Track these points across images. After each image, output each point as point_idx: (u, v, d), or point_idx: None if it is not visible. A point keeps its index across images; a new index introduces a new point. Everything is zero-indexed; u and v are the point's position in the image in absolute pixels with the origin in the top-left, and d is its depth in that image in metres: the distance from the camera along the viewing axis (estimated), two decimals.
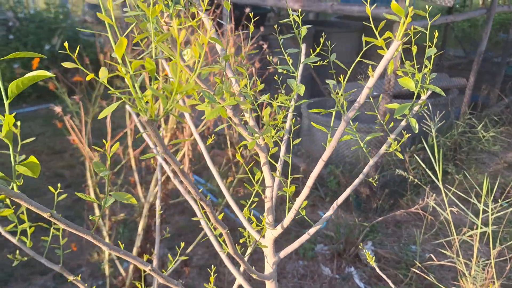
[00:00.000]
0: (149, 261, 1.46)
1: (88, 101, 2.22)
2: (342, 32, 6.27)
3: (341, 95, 0.72)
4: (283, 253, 0.89)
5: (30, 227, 0.89)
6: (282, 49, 0.85)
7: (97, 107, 2.02)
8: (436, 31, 0.81)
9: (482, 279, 2.38)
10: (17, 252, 1.00)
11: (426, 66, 0.72)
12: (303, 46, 0.96)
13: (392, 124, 0.91)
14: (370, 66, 0.66)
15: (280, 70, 0.85)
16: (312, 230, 0.86)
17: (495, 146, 3.97)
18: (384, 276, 1.39)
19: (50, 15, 6.39)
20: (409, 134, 0.81)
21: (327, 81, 0.81)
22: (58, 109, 1.74)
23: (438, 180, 2.43)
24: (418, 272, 2.97)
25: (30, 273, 3.07)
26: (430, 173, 2.23)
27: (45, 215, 0.54)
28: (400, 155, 0.78)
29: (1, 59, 0.52)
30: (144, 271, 1.95)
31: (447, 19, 3.64)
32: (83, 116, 1.85)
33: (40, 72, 0.47)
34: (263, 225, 0.86)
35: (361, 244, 3.07)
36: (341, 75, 0.72)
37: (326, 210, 3.77)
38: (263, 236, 0.88)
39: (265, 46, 2.39)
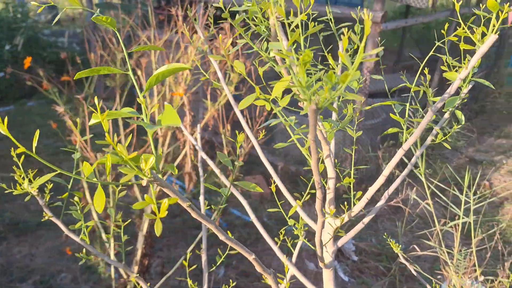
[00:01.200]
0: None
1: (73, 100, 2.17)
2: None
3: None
4: (340, 242, 0.92)
5: (86, 226, 0.88)
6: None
7: (87, 108, 1.98)
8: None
9: (464, 267, 2.51)
10: None
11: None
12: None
13: (360, 118, 0.96)
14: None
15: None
16: (366, 220, 0.90)
17: (459, 142, 4.18)
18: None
19: (9, 15, 6.13)
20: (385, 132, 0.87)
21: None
22: (60, 109, 1.69)
23: (421, 174, 2.54)
24: (402, 261, 3.09)
25: (9, 281, 2.95)
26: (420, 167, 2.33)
27: (185, 205, 0.55)
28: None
29: None
30: (138, 274, 1.91)
31: (416, 21, 3.82)
32: (87, 115, 1.81)
33: (179, 64, 0.48)
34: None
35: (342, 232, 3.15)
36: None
37: (305, 208, 3.84)
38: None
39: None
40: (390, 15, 10.78)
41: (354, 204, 0.88)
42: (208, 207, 0.97)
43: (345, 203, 0.88)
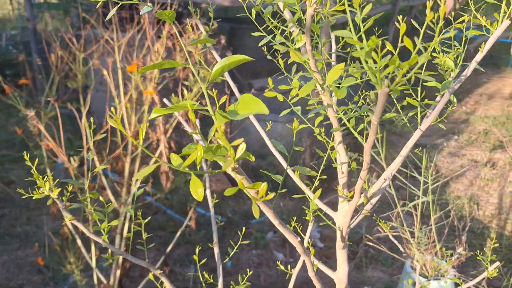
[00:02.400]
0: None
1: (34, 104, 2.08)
2: (255, 29, 6.46)
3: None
4: (352, 225, 0.97)
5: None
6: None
7: (49, 111, 1.91)
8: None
9: (425, 243, 2.68)
10: None
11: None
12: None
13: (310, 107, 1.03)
14: None
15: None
16: (374, 200, 0.96)
17: (404, 127, 4.41)
18: None
19: None
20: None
21: (250, 82, 0.91)
22: (31, 113, 1.62)
23: (381, 160, 2.67)
24: (366, 244, 3.23)
25: None
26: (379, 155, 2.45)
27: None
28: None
29: None
30: (125, 276, 1.89)
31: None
32: (60, 120, 1.73)
33: (239, 56, 0.50)
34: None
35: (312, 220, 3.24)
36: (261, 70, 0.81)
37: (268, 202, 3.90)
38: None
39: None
40: None
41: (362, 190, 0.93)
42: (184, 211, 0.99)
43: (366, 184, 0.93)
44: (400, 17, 0.50)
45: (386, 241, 3.54)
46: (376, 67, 0.44)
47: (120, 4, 0.62)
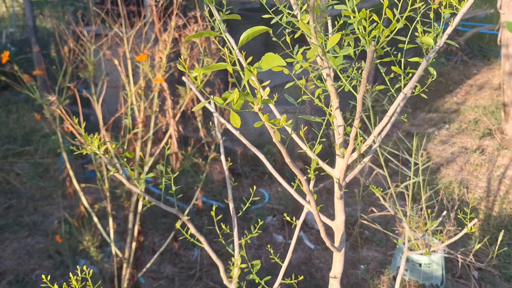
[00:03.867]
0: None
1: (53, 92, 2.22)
2: (247, 24, 6.62)
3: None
4: (348, 178, 1.13)
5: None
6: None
7: (63, 99, 2.05)
8: None
9: (416, 221, 2.85)
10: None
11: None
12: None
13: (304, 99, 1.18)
14: None
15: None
16: (366, 159, 1.11)
17: (402, 116, 4.58)
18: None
19: None
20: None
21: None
22: (52, 98, 1.75)
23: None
24: (361, 225, 3.40)
25: None
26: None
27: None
28: None
29: None
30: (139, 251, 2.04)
31: None
32: (96, 101, 1.86)
33: (260, 27, 0.64)
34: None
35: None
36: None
37: (266, 188, 4.07)
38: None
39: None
40: None
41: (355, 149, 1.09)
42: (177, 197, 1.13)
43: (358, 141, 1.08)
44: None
45: (380, 223, 3.72)
46: (365, 32, 0.58)
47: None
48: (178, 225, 1.06)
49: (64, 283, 0.95)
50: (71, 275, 0.91)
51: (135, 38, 2.36)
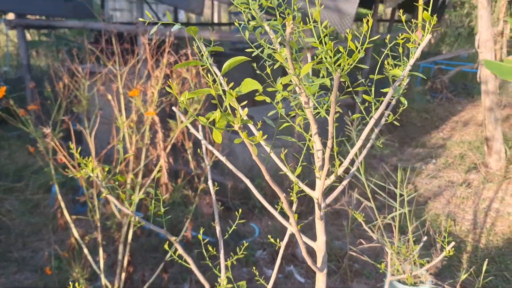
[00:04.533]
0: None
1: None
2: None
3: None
4: (328, 200, 1.19)
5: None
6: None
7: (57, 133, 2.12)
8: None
9: (404, 253, 2.89)
10: None
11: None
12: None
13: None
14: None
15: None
16: (345, 182, 1.18)
17: (386, 151, 4.69)
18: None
19: None
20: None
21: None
22: (47, 130, 1.81)
23: (361, 174, 2.89)
24: (350, 258, 3.41)
25: None
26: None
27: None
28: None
29: None
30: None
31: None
32: (73, 135, 1.93)
33: (239, 57, 0.72)
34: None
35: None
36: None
37: (257, 222, 4.10)
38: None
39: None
40: None
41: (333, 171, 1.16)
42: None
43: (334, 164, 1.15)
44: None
45: (370, 255, 3.74)
46: (331, 60, 0.67)
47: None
48: (166, 246, 1.11)
49: None
50: None
51: (129, 74, 2.45)
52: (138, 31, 3.79)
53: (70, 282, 1.12)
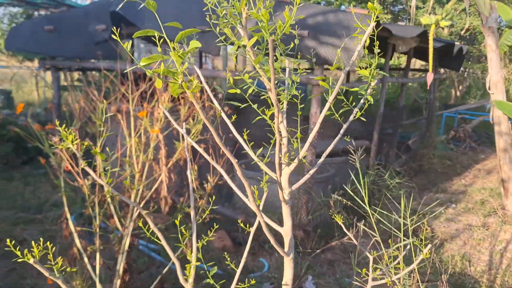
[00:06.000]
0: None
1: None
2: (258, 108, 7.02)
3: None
4: (294, 186, 1.25)
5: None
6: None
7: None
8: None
9: (409, 285, 2.82)
10: None
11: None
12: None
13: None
14: None
15: None
16: (311, 171, 1.24)
17: (400, 191, 4.65)
18: None
19: None
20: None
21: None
22: (56, 138, 1.96)
23: (368, 217, 2.91)
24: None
25: None
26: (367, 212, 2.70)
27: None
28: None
29: None
30: None
31: (353, 86, 4.45)
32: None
33: (190, 30, 0.83)
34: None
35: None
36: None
37: (266, 257, 4.08)
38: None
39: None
40: None
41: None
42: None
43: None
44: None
45: None
46: (265, 25, 0.77)
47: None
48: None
49: None
50: None
51: (141, 98, 2.62)
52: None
53: None
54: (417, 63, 13.33)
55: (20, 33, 6.13)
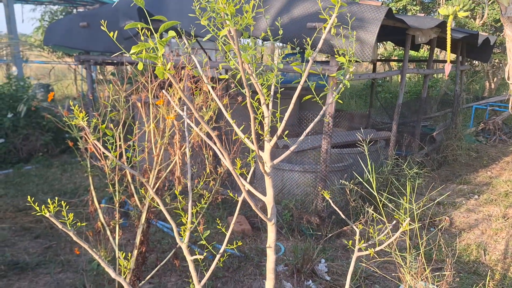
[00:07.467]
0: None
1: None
2: (286, 99, 7.17)
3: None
4: (276, 161, 1.41)
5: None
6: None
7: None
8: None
9: (415, 267, 2.93)
10: None
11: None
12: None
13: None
14: None
15: None
16: (292, 148, 1.40)
17: (419, 181, 4.71)
18: None
19: (11, 88, 6.82)
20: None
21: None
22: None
23: (378, 207, 3.04)
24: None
25: None
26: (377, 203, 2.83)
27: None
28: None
29: None
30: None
31: (369, 76, 4.53)
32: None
33: (172, 22, 1.00)
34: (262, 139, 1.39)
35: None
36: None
37: (282, 242, 4.25)
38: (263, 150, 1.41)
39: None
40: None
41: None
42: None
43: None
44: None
45: (385, 280, 3.75)
46: (226, 9, 0.93)
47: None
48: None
49: None
50: None
51: (159, 88, 2.83)
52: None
53: (105, 283, 1.40)
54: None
55: (57, 29, 6.50)
